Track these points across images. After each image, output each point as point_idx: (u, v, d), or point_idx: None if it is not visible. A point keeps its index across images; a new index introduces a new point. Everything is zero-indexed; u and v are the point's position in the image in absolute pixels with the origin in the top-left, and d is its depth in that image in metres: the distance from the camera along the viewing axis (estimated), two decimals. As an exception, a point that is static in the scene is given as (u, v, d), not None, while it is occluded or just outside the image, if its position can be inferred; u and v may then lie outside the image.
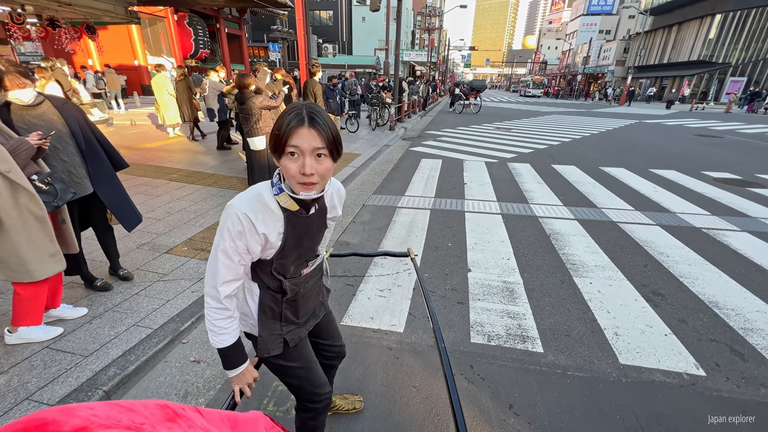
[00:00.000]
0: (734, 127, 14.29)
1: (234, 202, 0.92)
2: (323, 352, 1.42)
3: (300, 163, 0.86)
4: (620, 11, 46.62)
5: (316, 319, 1.28)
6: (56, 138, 2.13)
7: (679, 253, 3.45)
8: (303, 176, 0.86)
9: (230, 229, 0.90)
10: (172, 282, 2.69)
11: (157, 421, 0.44)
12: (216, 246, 0.93)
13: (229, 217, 0.90)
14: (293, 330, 1.14)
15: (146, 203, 4.20)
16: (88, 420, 0.38)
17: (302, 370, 1.19)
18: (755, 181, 6.19)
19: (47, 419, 0.36)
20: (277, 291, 1.07)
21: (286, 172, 0.88)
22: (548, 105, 27.51)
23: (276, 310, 1.09)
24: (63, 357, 1.95)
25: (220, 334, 0.99)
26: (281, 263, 1.01)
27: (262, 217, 0.92)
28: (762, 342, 2.27)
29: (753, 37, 28.00)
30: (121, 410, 0.42)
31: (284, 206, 0.94)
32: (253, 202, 0.92)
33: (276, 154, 0.90)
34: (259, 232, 0.91)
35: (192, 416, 0.49)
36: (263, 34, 27.97)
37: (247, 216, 0.89)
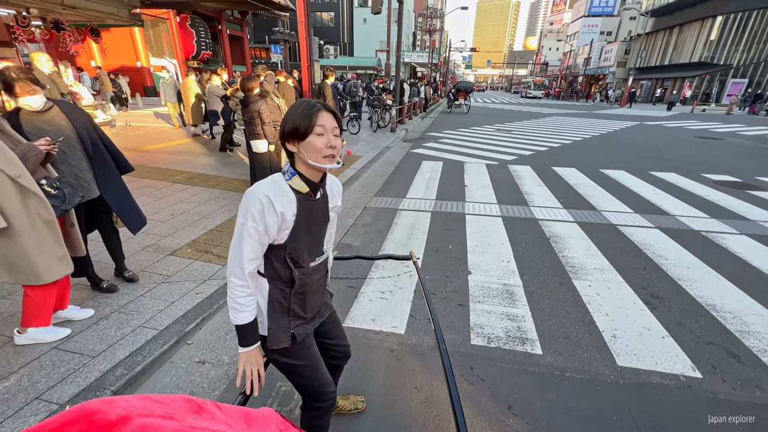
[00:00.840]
0: (735, 129, 14.30)
1: (254, 188, 1.04)
2: (329, 352, 1.46)
3: (326, 138, 1.04)
4: (621, 13, 46.62)
5: (322, 317, 1.34)
6: (64, 143, 2.18)
7: (677, 256, 3.48)
8: (330, 149, 1.04)
9: (252, 210, 1.01)
10: (176, 283, 2.73)
11: (185, 412, 0.48)
12: (240, 228, 1.04)
13: (251, 200, 1.02)
14: (300, 325, 1.21)
15: (150, 205, 4.25)
16: (128, 410, 0.42)
17: (309, 368, 1.24)
18: (755, 183, 6.21)
19: (93, 409, 0.41)
20: (286, 283, 1.15)
21: (313, 147, 1.03)
22: (549, 106, 27.54)
23: (285, 305, 1.17)
24: (71, 357, 1.99)
25: (241, 311, 1.09)
26: (294, 247, 1.11)
27: (279, 198, 1.05)
28: (758, 345, 2.30)
29: (754, 39, 27.98)
30: (153, 402, 0.47)
31: (297, 188, 1.08)
32: (271, 186, 1.05)
33: (297, 138, 1.04)
34: (277, 211, 1.03)
35: (213, 410, 0.53)
36: (265, 36, 28.07)
37: (267, 196, 1.02)
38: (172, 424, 0.43)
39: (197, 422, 0.48)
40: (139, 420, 0.42)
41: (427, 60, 34.86)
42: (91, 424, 0.40)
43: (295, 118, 1.03)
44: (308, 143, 1.03)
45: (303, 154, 1.05)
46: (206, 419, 0.50)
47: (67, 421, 0.40)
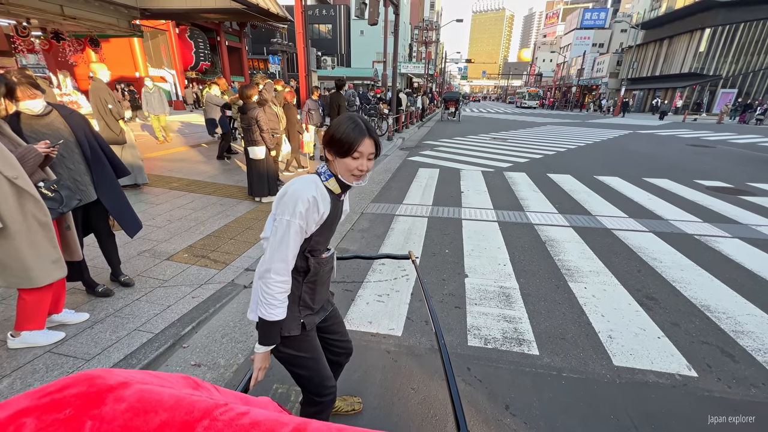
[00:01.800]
0: (726, 137, 14.54)
1: (299, 187, 1.10)
2: (332, 348, 1.48)
3: (360, 162, 1.12)
4: (612, 25, 47.73)
5: (326, 312, 1.39)
6: (63, 146, 2.20)
7: (671, 258, 3.51)
8: (359, 171, 1.14)
9: (300, 208, 1.07)
10: (172, 288, 2.72)
11: (182, 387, 0.49)
12: (286, 226, 1.08)
13: (299, 199, 1.08)
14: (309, 315, 1.27)
15: (147, 211, 4.25)
16: (127, 377, 0.43)
17: (312, 360, 1.28)
18: (746, 189, 6.30)
19: (94, 375, 0.43)
20: (300, 272, 1.20)
21: (346, 167, 1.12)
22: (544, 116, 27.92)
23: (296, 294, 1.21)
24: (65, 361, 1.97)
25: (278, 307, 1.13)
26: (317, 241, 1.19)
27: (321, 198, 1.13)
28: (752, 344, 2.31)
29: (742, 50, 28.67)
30: (152, 376, 0.48)
31: (331, 188, 1.17)
32: (314, 187, 1.12)
33: (338, 154, 1.12)
34: (320, 211, 1.12)
35: (210, 389, 0.55)
36: (263, 47, 28.43)
37: (315, 197, 1.10)
38: (170, 391, 0.45)
39: (195, 393, 0.49)
40: (138, 386, 0.43)
41: (423, 71, 35.36)
42: (92, 386, 0.41)
43: (342, 134, 1.09)
44: (343, 162, 1.12)
45: (336, 167, 1.15)
46: (204, 394, 0.52)
47: (69, 383, 0.41)
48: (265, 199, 4.83)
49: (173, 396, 0.44)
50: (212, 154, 7.66)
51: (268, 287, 1.11)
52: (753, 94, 28.55)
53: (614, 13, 52.94)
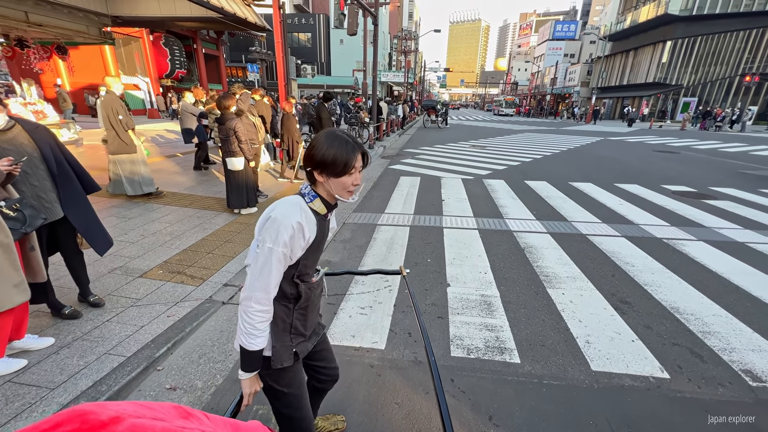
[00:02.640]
0: (689, 144, 15.40)
1: (282, 213, 1.05)
2: (318, 376, 1.44)
3: (354, 177, 1.11)
4: (582, 37, 49.98)
5: (317, 336, 1.35)
6: (27, 162, 2.09)
7: (643, 262, 3.66)
8: (354, 186, 1.13)
9: (284, 236, 1.03)
10: (146, 307, 2.61)
11: (173, 417, 0.49)
12: (268, 254, 1.04)
13: (283, 226, 1.04)
14: (301, 343, 1.23)
15: (119, 226, 4.08)
16: (119, 412, 0.43)
17: (293, 397, 1.23)
18: (709, 193, 6.67)
19: (86, 410, 0.42)
20: (290, 299, 1.16)
21: (342, 184, 1.10)
22: (520, 123, 28.78)
23: (287, 321, 1.18)
24: (27, 391, 1.85)
25: (258, 337, 1.09)
26: (305, 265, 1.14)
27: (307, 222, 1.09)
28: (719, 344, 2.43)
29: (700, 62, 30.60)
30: (143, 407, 0.48)
31: (316, 210, 1.13)
32: (299, 211, 1.08)
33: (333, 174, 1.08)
34: (306, 236, 1.08)
35: (201, 417, 0.54)
36: (241, 55, 28.13)
37: (300, 223, 1.06)
38: (162, 425, 0.44)
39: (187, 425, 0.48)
40: (130, 420, 0.43)
41: (403, 79, 35.85)
42: (84, 423, 0.40)
43: (335, 153, 1.05)
44: (339, 180, 1.09)
45: (330, 187, 1.10)
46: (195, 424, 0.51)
47: (61, 421, 0.41)
48: (244, 210, 4.74)
49: (166, 430, 0.43)
50: (188, 164, 7.47)
51: (249, 316, 1.07)
52: (711, 103, 30.43)
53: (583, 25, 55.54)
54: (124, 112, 4.65)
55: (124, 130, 4.68)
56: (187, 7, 9.66)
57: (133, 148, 4.83)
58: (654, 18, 30.61)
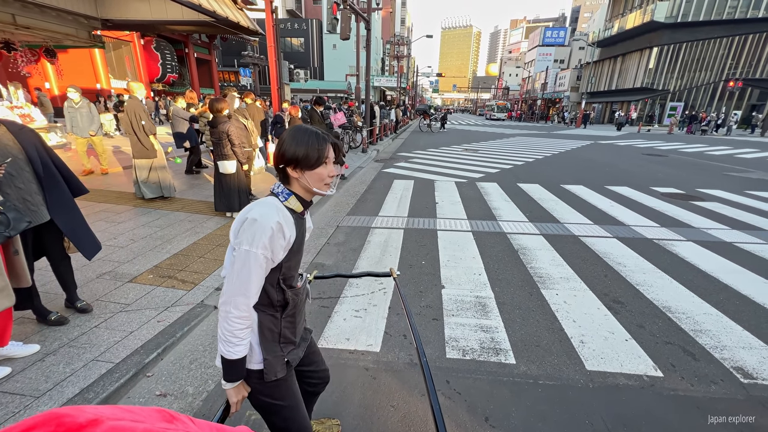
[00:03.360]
0: (676, 147, 15.71)
1: (259, 214, 1.01)
2: (308, 380, 1.41)
3: (329, 168, 1.09)
4: (571, 43, 50.91)
5: (306, 341, 1.31)
6: (11, 164, 2.04)
7: (634, 263, 3.70)
8: (330, 177, 1.10)
9: (262, 237, 0.99)
10: (135, 312, 2.56)
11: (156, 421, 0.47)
12: (245, 257, 0.99)
13: (260, 227, 0.99)
14: (293, 351, 1.19)
15: (108, 230, 4.00)
16: (97, 415, 0.41)
17: (289, 409, 1.19)
18: (696, 195, 6.79)
19: (61, 413, 0.40)
20: (277, 307, 1.12)
21: (319, 176, 1.07)
22: (512, 127, 29.10)
23: (275, 331, 1.13)
24: (10, 400, 1.79)
25: (238, 345, 1.03)
26: (288, 267, 1.10)
27: (285, 221, 1.05)
28: (710, 342, 2.46)
29: (686, 67, 31.37)
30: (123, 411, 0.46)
31: (293, 208, 1.09)
32: (275, 211, 1.04)
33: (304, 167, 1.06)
34: (286, 236, 1.04)
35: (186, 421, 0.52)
36: (234, 59, 28.05)
37: (278, 222, 1.01)
38: (144, 426, 0.42)
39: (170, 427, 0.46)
40: (109, 423, 0.41)
41: (395, 84, 36.08)
42: (60, 426, 0.39)
43: (307, 147, 1.04)
44: (315, 173, 1.07)
45: (307, 181, 1.08)
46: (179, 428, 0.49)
47: (36, 423, 0.39)
48: (236, 214, 4.68)
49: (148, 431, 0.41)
50: (180, 168, 7.39)
51: (228, 323, 1.01)
52: (697, 107, 31.17)
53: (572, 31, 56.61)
54: (147, 117, 4.80)
55: (146, 135, 4.81)
56: (179, 10, 9.61)
57: (154, 153, 4.94)
58: (640, 25, 31.33)
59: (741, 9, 28.20)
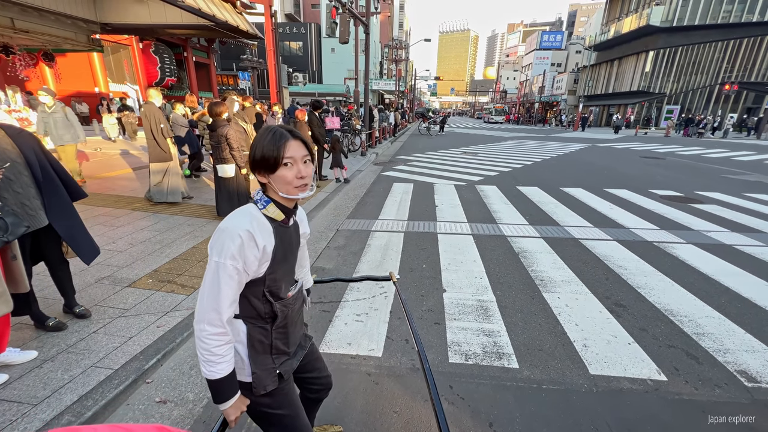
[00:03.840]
0: (674, 150, 15.79)
1: (228, 223, 0.96)
2: (310, 386, 1.38)
3: (296, 170, 1.00)
4: (568, 47, 51.33)
5: (303, 350, 1.26)
6: (10, 169, 2.02)
7: (635, 265, 3.70)
8: (300, 179, 1.01)
9: (230, 247, 0.93)
10: (135, 317, 2.53)
11: None
12: (215, 269, 0.93)
13: (228, 236, 0.94)
14: (286, 362, 1.13)
15: (106, 234, 3.98)
16: None
17: (289, 418, 1.15)
18: (695, 197, 6.82)
19: None
20: (266, 318, 1.06)
21: (283, 180, 0.99)
22: (510, 131, 29.21)
23: (266, 343, 1.07)
24: (8, 407, 1.76)
25: (218, 363, 0.96)
26: (273, 279, 1.04)
27: (259, 231, 0.98)
28: (713, 345, 2.45)
29: (682, 71, 31.64)
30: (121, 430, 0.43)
31: (272, 216, 1.03)
32: (248, 219, 0.98)
33: (266, 170, 1.00)
34: (259, 245, 0.97)
35: None
36: (233, 63, 28.12)
37: (248, 231, 0.95)
38: None
39: None
40: None
41: (394, 87, 36.19)
42: None
43: (263, 148, 0.98)
44: (278, 176, 0.99)
45: (274, 186, 1.01)
46: None
47: None
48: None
49: None
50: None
51: (203, 341, 0.94)
52: (693, 110, 31.40)
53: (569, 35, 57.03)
54: (165, 121, 4.91)
55: (164, 138, 4.92)
56: (178, 14, 9.62)
57: (170, 156, 5.05)
58: (636, 29, 31.61)
59: (735, 13, 28.51)
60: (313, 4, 41.32)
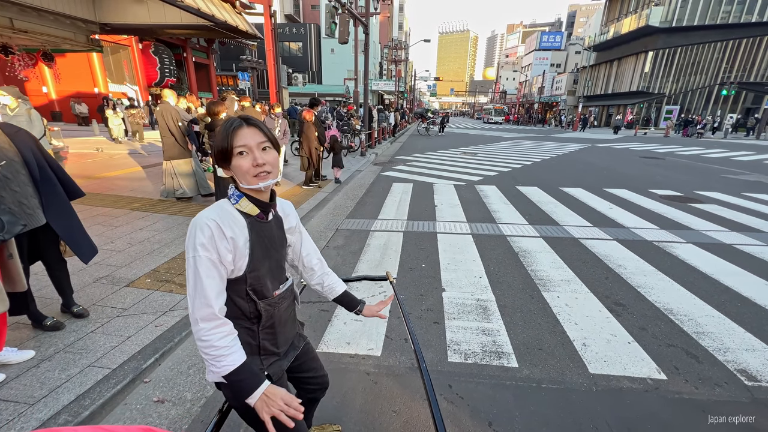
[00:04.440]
0: (673, 150, 15.80)
1: (198, 216, 0.95)
2: (306, 386, 1.37)
3: (251, 157, 0.95)
4: (568, 47, 51.38)
5: (296, 350, 1.24)
6: (7, 167, 2.01)
7: (635, 265, 3.69)
8: (257, 167, 0.95)
9: (200, 238, 0.91)
10: (133, 317, 2.52)
11: None
12: (193, 263, 0.91)
13: (197, 228, 0.92)
14: (275, 362, 1.10)
15: (105, 234, 3.97)
16: None
17: None
18: (695, 197, 6.82)
19: None
20: (252, 319, 1.04)
21: (240, 170, 0.95)
22: (510, 131, 29.22)
23: (254, 344, 1.05)
24: (4, 407, 1.75)
25: (227, 356, 0.92)
26: (255, 277, 1.01)
27: (228, 222, 0.95)
28: (713, 344, 2.44)
29: (681, 71, 31.70)
30: None
31: (246, 211, 0.99)
32: (216, 211, 0.96)
33: (225, 163, 0.97)
34: (227, 236, 0.94)
35: None
36: (232, 63, 28.12)
37: (214, 221, 0.93)
38: None
39: None
40: None
41: (393, 88, 36.20)
42: None
43: (218, 139, 0.96)
44: (234, 166, 0.96)
45: (237, 178, 0.98)
46: None
47: None
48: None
49: None
50: (178, 172, 7.34)
51: (204, 340, 0.91)
52: (693, 110, 31.44)
53: (569, 36, 57.12)
54: (182, 118, 5.09)
55: (183, 136, 5.14)
56: (177, 14, 9.62)
57: (188, 153, 5.26)
58: (636, 29, 31.67)
59: (735, 14, 28.56)
60: (313, 4, 41.34)
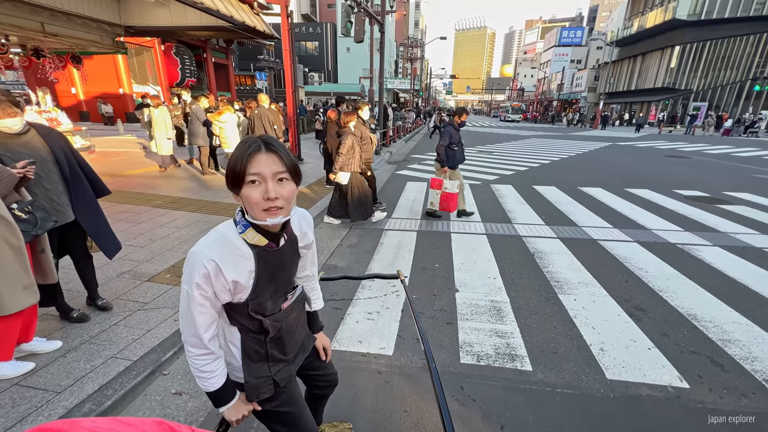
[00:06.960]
0: (700, 148, 15.15)
1: (197, 248, 0.89)
2: (315, 383, 1.39)
3: (263, 189, 0.85)
4: (589, 43, 49.87)
5: (306, 352, 1.22)
6: (40, 166, 2.11)
7: (657, 268, 3.57)
8: (267, 201, 0.85)
9: (197, 277, 0.86)
10: (153, 311, 2.61)
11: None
12: (186, 297, 0.89)
13: (194, 265, 0.87)
14: (283, 368, 1.09)
15: (128, 230, 4.11)
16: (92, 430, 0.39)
17: (291, 415, 1.13)
18: (723, 198, 6.52)
19: (54, 429, 0.39)
20: (258, 332, 1.02)
21: (249, 201, 0.85)
22: (527, 129, 28.65)
23: (261, 352, 1.04)
24: (34, 394, 1.84)
25: (209, 378, 0.97)
26: (257, 302, 0.98)
27: (229, 260, 0.89)
28: (740, 352, 2.34)
29: (710, 66, 30.30)
30: (120, 425, 0.44)
31: (252, 243, 0.92)
32: (219, 245, 0.89)
33: (236, 188, 0.87)
34: (228, 279, 0.88)
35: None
36: (250, 63, 28.60)
37: (214, 261, 0.86)
38: None
39: None
40: None
41: (409, 86, 36.05)
42: None
43: (231, 161, 0.85)
44: (243, 195, 0.86)
45: (244, 207, 0.89)
46: None
47: None
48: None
49: None
50: (196, 170, 7.55)
51: (192, 360, 0.95)
52: (722, 107, 30.04)
53: (590, 31, 55.45)
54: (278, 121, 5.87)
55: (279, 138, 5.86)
56: (198, 16, 9.85)
57: None
58: (661, 23, 30.45)
59: (769, 5, 27.08)
60: (329, 3, 41.57)
